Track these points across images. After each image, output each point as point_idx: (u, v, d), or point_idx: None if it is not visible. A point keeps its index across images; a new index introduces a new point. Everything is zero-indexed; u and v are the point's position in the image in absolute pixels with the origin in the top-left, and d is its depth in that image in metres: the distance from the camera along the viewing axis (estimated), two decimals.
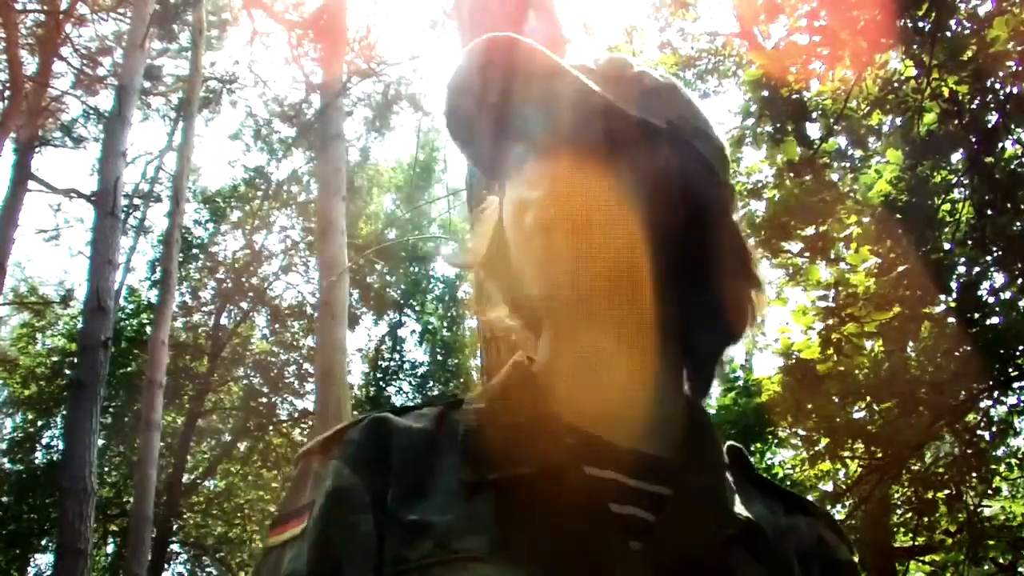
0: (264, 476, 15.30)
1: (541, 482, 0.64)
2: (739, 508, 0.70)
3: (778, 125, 6.49)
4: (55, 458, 13.59)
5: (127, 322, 14.42)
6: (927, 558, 8.02)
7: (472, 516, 0.63)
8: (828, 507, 7.43)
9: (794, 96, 6.49)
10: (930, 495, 6.63)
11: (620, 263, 0.70)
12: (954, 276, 6.11)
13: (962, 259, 6.11)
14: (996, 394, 6.34)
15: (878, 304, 5.82)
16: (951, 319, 6.09)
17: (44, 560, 14.82)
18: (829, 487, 7.44)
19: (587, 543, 0.63)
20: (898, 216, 6.24)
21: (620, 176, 0.71)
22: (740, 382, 10.47)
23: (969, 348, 5.79)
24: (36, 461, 14.73)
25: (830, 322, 5.96)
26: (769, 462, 8.41)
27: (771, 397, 6.96)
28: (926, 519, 7.00)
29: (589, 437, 0.69)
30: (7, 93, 11.88)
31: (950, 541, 7.07)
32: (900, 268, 5.85)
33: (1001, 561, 7.13)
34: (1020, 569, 7.17)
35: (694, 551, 0.65)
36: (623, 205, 0.70)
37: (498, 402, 0.73)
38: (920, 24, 5.66)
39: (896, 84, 6.45)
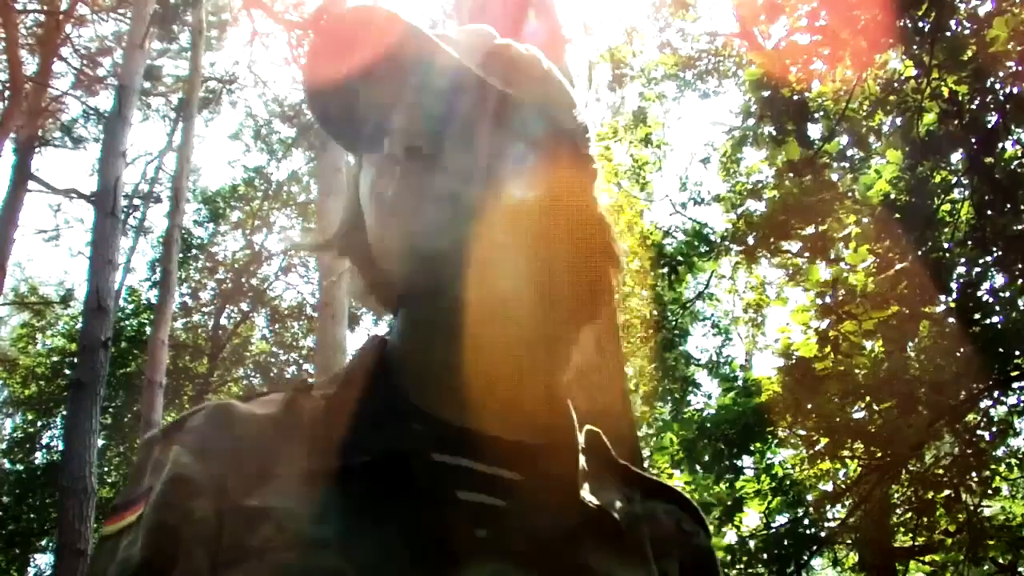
0: None
1: (387, 469, 0.63)
2: (589, 495, 0.69)
3: (779, 126, 6.50)
4: (55, 458, 13.58)
5: (127, 322, 14.42)
6: (927, 558, 8.01)
7: (315, 503, 0.61)
8: (828, 507, 7.43)
9: (795, 97, 6.50)
10: (930, 495, 6.63)
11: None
12: (954, 276, 6.11)
13: (962, 259, 6.11)
14: (996, 394, 6.34)
15: (876, 303, 5.82)
16: (951, 319, 6.09)
17: (44, 560, 14.83)
18: (829, 487, 7.43)
19: (432, 531, 0.61)
20: (898, 216, 6.25)
21: (480, 151, 0.69)
22: (739, 382, 10.47)
23: (969, 348, 5.79)
24: (36, 461, 14.73)
25: (828, 320, 5.96)
26: (769, 462, 8.40)
27: (771, 397, 6.96)
28: (926, 519, 7.00)
29: (437, 422, 0.68)
30: (7, 93, 11.89)
31: (950, 541, 7.07)
32: (898, 267, 5.85)
33: (1001, 561, 7.13)
34: (1020, 569, 7.16)
35: (541, 538, 0.64)
36: (484, 180, 0.69)
37: (347, 387, 0.70)
38: (920, 24, 5.66)
39: (896, 84, 6.45)
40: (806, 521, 7.34)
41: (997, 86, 5.95)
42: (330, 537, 0.59)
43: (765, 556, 7.10)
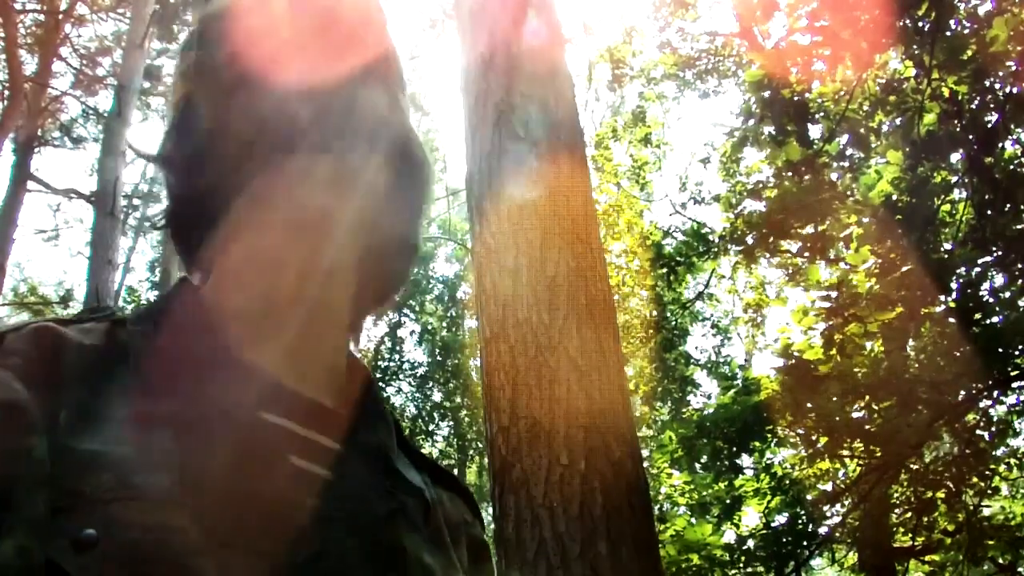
0: None
1: (219, 422, 0.60)
2: (410, 474, 0.70)
3: (779, 126, 6.50)
4: None
5: None
6: (926, 558, 8.02)
7: (149, 450, 0.57)
8: (827, 507, 7.43)
9: (795, 97, 6.50)
10: (929, 495, 6.63)
11: None
12: (954, 276, 6.12)
13: (962, 259, 6.11)
14: (996, 394, 6.34)
15: (880, 304, 5.83)
16: (951, 319, 6.09)
17: None
18: (828, 486, 7.44)
19: (267, 493, 0.60)
20: (898, 216, 6.25)
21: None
22: (739, 381, 10.47)
23: (969, 348, 5.80)
24: None
25: (833, 323, 5.96)
26: (768, 461, 8.40)
27: (770, 396, 6.96)
28: (925, 519, 7.00)
29: (260, 377, 0.65)
30: (7, 93, 11.88)
31: (949, 541, 7.07)
32: (902, 268, 5.86)
33: (1000, 561, 7.14)
34: (1020, 569, 7.17)
35: (363, 514, 0.64)
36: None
37: (168, 329, 0.66)
38: (920, 24, 5.67)
39: (896, 84, 6.45)
40: (806, 520, 7.34)
41: (997, 86, 5.96)
42: (171, 491, 0.55)
43: (764, 555, 7.10)
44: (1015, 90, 5.77)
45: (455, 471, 13.45)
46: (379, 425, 0.72)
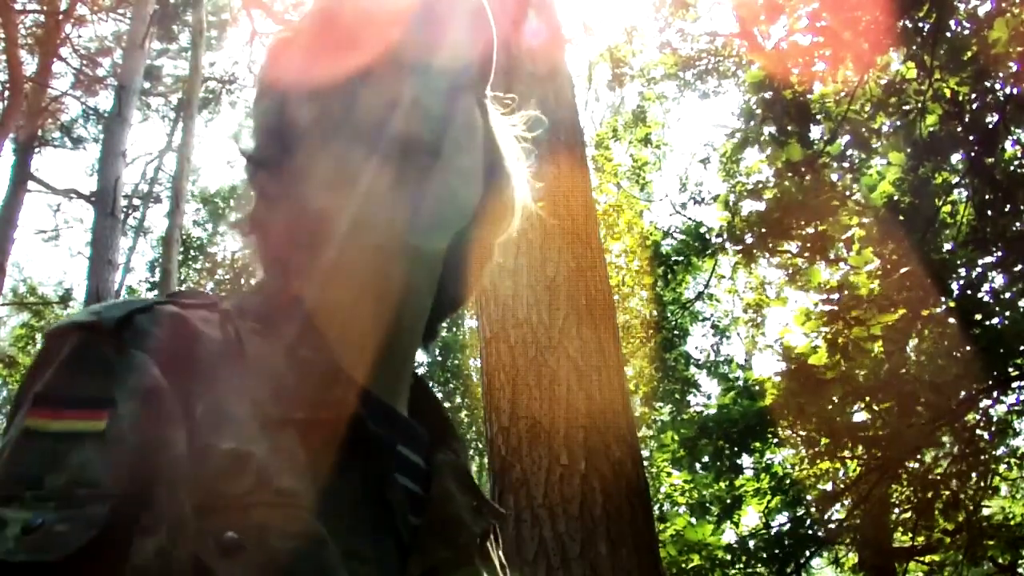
0: None
1: (336, 431, 0.59)
2: (489, 500, 0.71)
3: (780, 127, 6.50)
4: None
5: None
6: (926, 558, 8.02)
7: (282, 454, 0.55)
8: (827, 507, 7.43)
9: (797, 98, 6.50)
10: (929, 495, 6.63)
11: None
12: (955, 277, 6.12)
13: (963, 260, 6.11)
14: (996, 394, 6.34)
15: (881, 306, 5.83)
16: (952, 320, 6.09)
17: None
18: (828, 486, 7.43)
19: (388, 511, 0.60)
20: (900, 217, 6.25)
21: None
22: (740, 382, 10.46)
23: (969, 349, 5.80)
24: None
25: (835, 327, 5.96)
26: (768, 461, 8.40)
27: (773, 399, 6.96)
28: (925, 519, 7.00)
29: (363, 391, 0.64)
30: (7, 93, 11.87)
31: (949, 541, 7.07)
32: (903, 270, 5.85)
33: (1000, 561, 7.13)
34: (1020, 569, 7.17)
35: (460, 536, 0.64)
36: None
37: (279, 330, 0.64)
38: (921, 25, 5.67)
39: (898, 85, 6.45)
40: (806, 521, 7.34)
41: (998, 87, 5.95)
42: (307, 499, 0.55)
43: (765, 556, 7.10)
44: (1016, 91, 5.77)
45: None
46: (454, 442, 0.72)
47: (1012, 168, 6.22)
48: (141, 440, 0.51)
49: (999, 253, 6.06)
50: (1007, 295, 6.10)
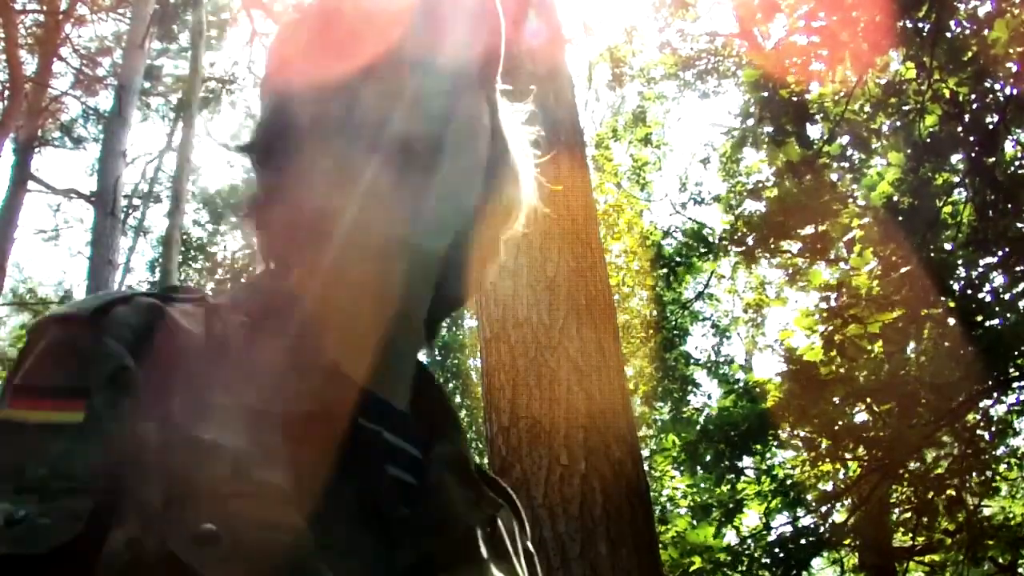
0: None
1: (323, 425, 0.59)
2: (485, 488, 0.69)
3: (778, 126, 6.50)
4: None
5: None
6: (926, 558, 8.02)
7: (261, 446, 0.55)
8: (828, 507, 7.43)
9: (794, 98, 6.50)
10: (930, 495, 6.63)
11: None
12: (955, 277, 6.11)
13: (963, 261, 6.12)
14: (996, 394, 6.34)
15: (880, 305, 5.83)
16: (952, 321, 6.09)
17: None
18: (828, 486, 7.43)
19: (374, 501, 0.60)
20: (900, 218, 6.25)
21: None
22: (740, 383, 10.45)
23: (970, 350, 5.80)
24: None
25: (833, 325, 5.96)
26: (769, 463, 8.40)
27: (776, 402, 6.96)
28: (925, 519, 7.00)
29: (354, 384, 0.64)
30: (7, 93, 11.88)
31: (949, 541, 7.07)
32: (903, 270, 5.85)
33: (1000, 561, 7.13)
34: (1020, 569, 7.16)
35: (452, 526, 0.64)
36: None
37: (267, 323, 0.63)
38: (920, 25, 5.67)
39: (898, 86, 6.45)
40: (807, 522, 7.34)
41: (998, 87, 5.96)
42: (286, 489, 0.54)
43: (768, 560, 7.09)
44: (1016, 91, 5.77)
45: None
46: (455, 434, 0.71)
47: (1013, 169, 6.23)
48: (116, 430, 0.52)
49: (1000, 253, 6.07)
50: (1008, 295, 6.10)
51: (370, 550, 0.58)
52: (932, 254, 6.10)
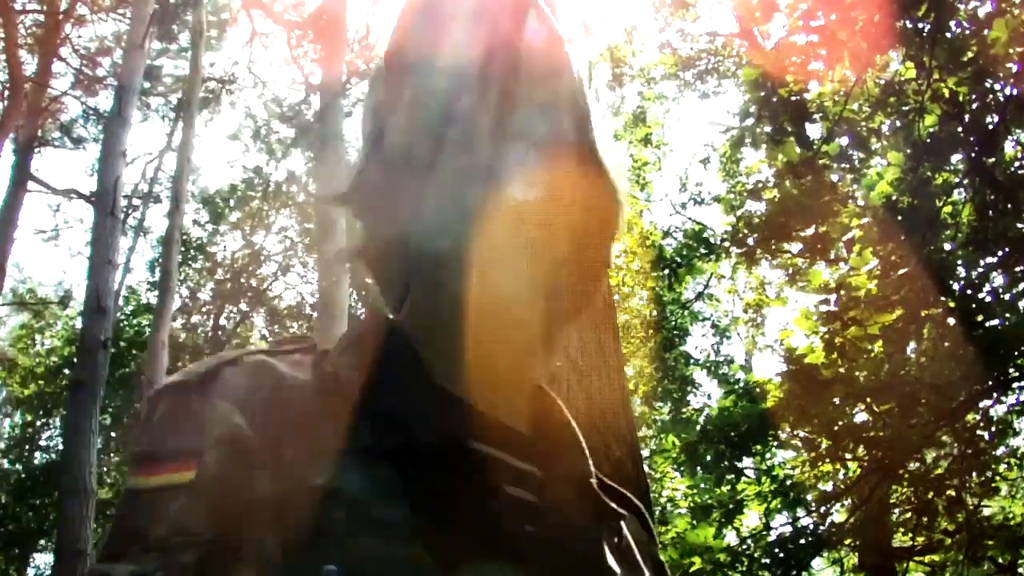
0: None
1: (437, 455, 0.61)
2: (606, 499, 0.70)
3: (777, 126, 6.50)
4: (54, 458, 13.58)
5: (127, 323, 14.41)
6: (926, 558, 8.01)
7: (378, 483, 0.58)
8: (828, 507, 7.43)
9: (793, 97, 6.49)
10: (930, 495, 6.63)
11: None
12: (955, 277, 6.11)
13: (963, 261, 6.12)
14: (996, 394, 6.34)
15: (880, 306, 5.82)
16: (952, 321, 6.09)
17: (44, 560, 14.83)
18: (828, 486, 7.43)
19: (488, 523, 0.61)
20: (899, 218, 6.25)
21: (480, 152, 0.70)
22: (741, 384, 10.47)
23: (970, 350, 5.80)
24: (35, 461, 14.72)
25: (833, 327, 5.96)
26: (769, 463, 8.41)
27: (776, 402, 6.96)
28: (925, 519, 7.00)
29: (472, 410, 0.65)
30: (7, 93, 11.88)
31: (949, 541, 7.07)
32: (902, 270, 5.85)
33: (1000, 561, 7.13)
34: (1020, 569, 7.16)
35: (577, 540, 0.65)
36: (485, 181, 0.67)
37: (375, 360, 0.65)
38: (920, 25, 5.67)
39: (897, 86, 6.45)
40: (807, 523, 7.34)
41: (997, 87, 5.96)
42: (402, 522, 0.57)
43: (768, 561, 7.09)
44: (1016, 91, 5.77)
45: None
46: (574, 450, 0.71)
47: (1013, 169, 6.23)
48: (222, 486, 0.56)
49: (1000, 253, 6.07)
50: (1008, 295, 6.10)
51: (497, 571, 0.59)
52: (932, 254, 6.10)
